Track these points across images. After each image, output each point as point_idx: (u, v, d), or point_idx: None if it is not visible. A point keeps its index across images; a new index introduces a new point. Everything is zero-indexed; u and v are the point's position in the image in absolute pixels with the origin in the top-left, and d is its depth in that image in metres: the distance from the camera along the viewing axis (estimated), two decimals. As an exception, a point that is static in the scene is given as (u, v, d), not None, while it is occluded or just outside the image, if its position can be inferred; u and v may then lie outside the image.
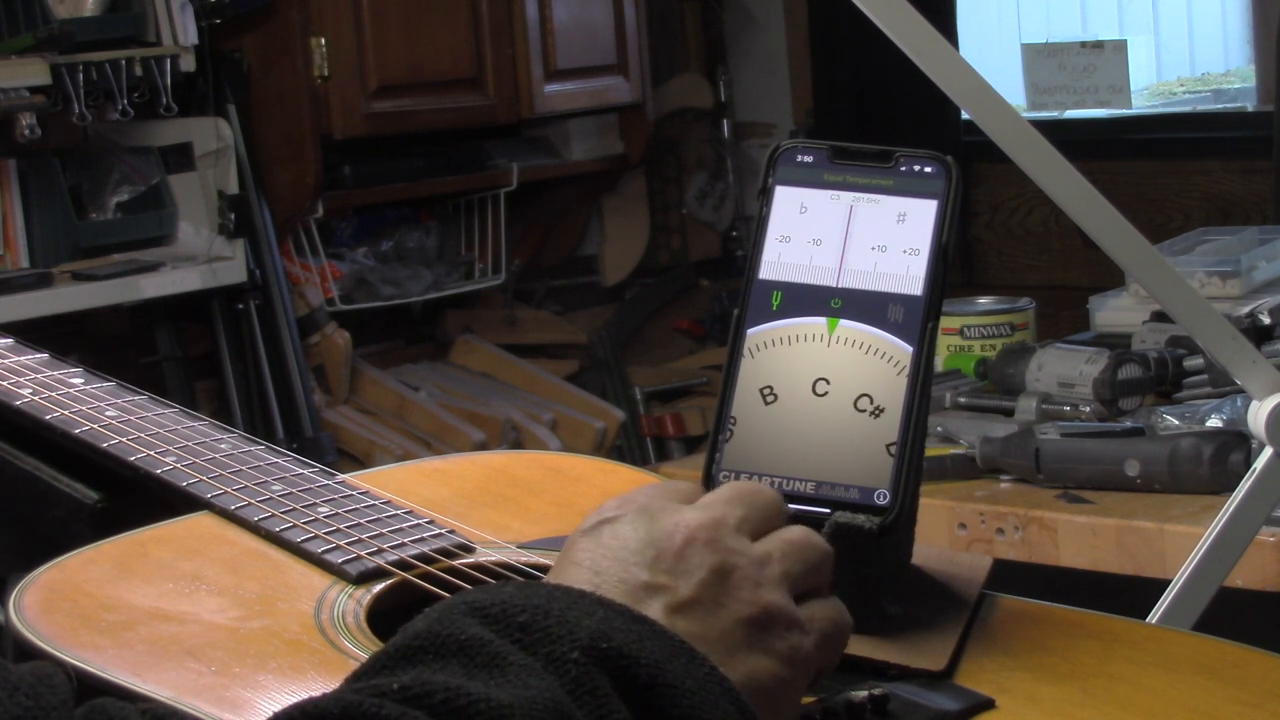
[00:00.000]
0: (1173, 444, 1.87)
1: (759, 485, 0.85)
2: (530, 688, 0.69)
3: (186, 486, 1.05)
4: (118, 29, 3.50)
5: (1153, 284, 1.36)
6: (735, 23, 5.05)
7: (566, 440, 4.15)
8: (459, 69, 4.10)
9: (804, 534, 0.82)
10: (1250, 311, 2.21)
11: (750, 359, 0.91)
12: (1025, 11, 5.14)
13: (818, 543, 0.82)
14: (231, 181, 3.72)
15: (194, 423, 1.14)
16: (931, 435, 2.11)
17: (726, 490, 0.83)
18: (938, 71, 1.30)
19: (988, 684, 0.86)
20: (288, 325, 3.82)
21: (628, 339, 4.78)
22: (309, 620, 0.89)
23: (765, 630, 0.78)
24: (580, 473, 1.14)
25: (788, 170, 0.94)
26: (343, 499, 1.04)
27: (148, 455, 1.08)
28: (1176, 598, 1.33)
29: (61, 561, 0.94)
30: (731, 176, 5.01)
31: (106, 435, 1.10)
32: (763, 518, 0.82)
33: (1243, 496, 1.34)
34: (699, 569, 0.78)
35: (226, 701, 0.80)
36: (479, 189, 4.31)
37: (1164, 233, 3.54)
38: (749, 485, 0.84)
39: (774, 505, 0.83)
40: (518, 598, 0.73)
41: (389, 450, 3.85)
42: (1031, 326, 2.42)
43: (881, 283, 0.91)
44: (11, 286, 3.36)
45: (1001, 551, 1.87)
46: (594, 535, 0.80)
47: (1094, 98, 3.03)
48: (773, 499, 0.83)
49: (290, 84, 3.84)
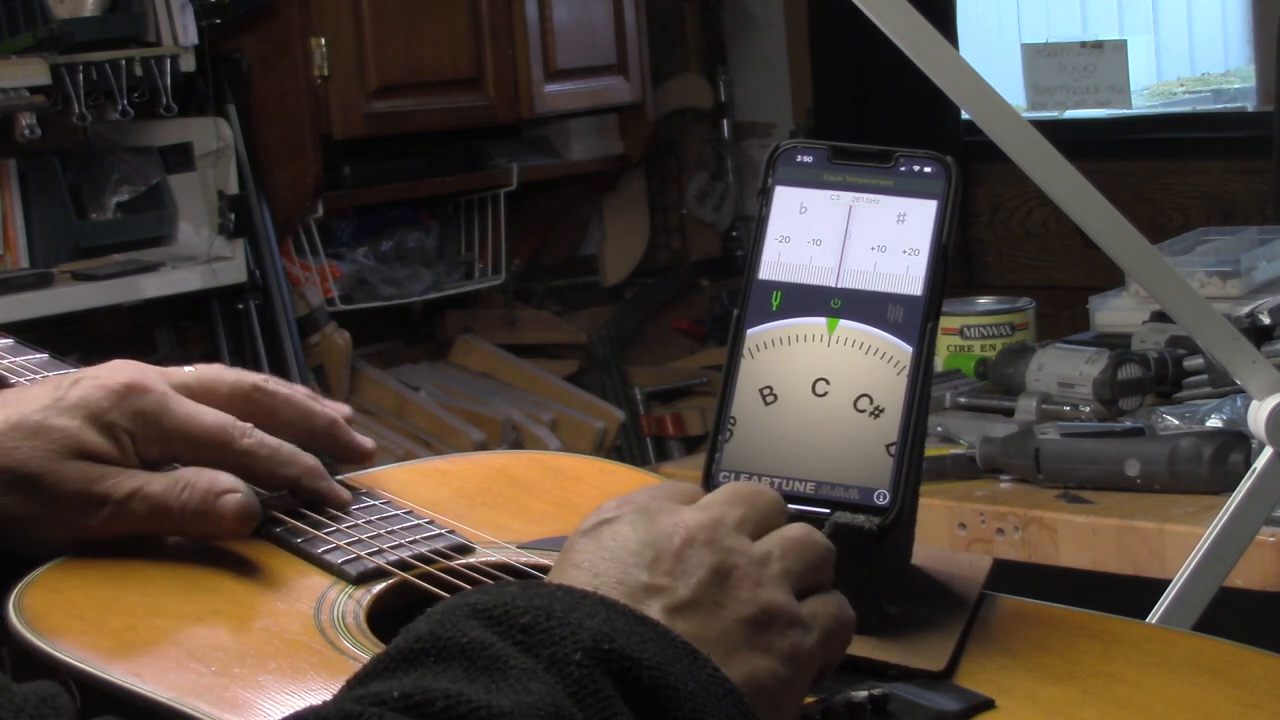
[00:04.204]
0: (1173, 444, 1.87)
1: (758, 485, 0.85)
2: (532, 692, 0.68)
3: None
4: (118, 29, 3.50)
5: (1153, 284, 1.36)
6: (735, 23, 5.05)
7: (566, 440, 4.15)
8: (459, 69, 4.10)
9: (804, 531, 0.82)
10: (1250, 311, 2.21)
11: (750, 359, 0.91)
12: (1025, 11, 5.14)
13: (818, 540, 0.82)
14: (231, 181, 3.72)
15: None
16: (931, 435, 2.11)
17: (726, 491, 0.83)
18: (938, 72, 1.30)
19: (988, 684, 0.86)
20: (288, 325, 3.82)
21: (628, 339, 4.78)
22: (309, 620, 0.89)
23: (766, 630, 0.78)
24: (580, 473, 1.14)
25: (787, 170, 0.94)
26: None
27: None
28: (1176, 598, 1.33)
29: (61, 562, 0.94)
30: (731, 176, 5.01)
31: (106, 435, 1.10)
32: (762, 517, 0.82)
33: (1243, 496, 1.34)
34: (698, 569, 0.78)
35: (226, 702, 0.80)
36: (479, 189, 4.31)
37: (1164, 233, 3.54)
38: (748, 485, 0.84)
39: (774, 505, 0.83)
40: (520, 599, 0.73)
41: (389, 450, 3.85)
42: (1031, 326, 2.42)
43: (881, 283, 0.91)
44: (11, 286, 3.36)
45: (1001, 551, 1.87)
46: (593, 536, 0.80)
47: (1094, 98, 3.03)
48: (773, 499, 0.83)
49: (290, 84, 3.84)
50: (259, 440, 1.02)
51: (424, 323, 4.50)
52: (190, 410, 1.00)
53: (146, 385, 1.00)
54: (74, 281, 3.48)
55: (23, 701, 0.70)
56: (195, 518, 0.96)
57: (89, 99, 3.43)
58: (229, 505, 0.96)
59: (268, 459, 1.02)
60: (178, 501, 0.96)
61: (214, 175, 3.72)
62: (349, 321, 4.08)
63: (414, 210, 4.33)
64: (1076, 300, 2.84)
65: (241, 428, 1.01)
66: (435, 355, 4.45)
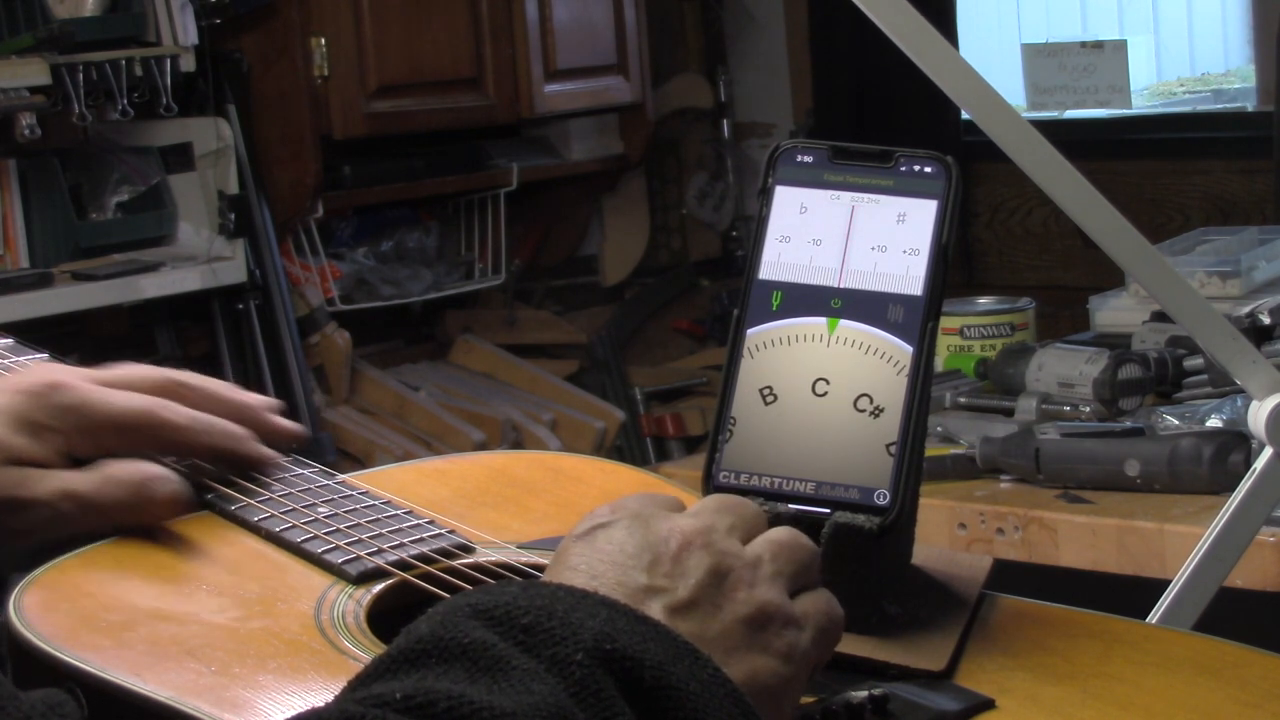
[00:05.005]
0: (1173, 444, 1.87)
1: (741, 498, 0.87)
2: (534, 693, 0.69)
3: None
4: (118, 29, 3.50)
5: (1153, 284, 1.36)
6: (735, 23, 5.05)
7: (566, 440, 4.15)
8: (459, 69, 4.10)
9: (790, 534, 0.84)
10: (1250, 311, 2.21)
11: (750, 359, 0.91)
12: (1025, 11, 5.14)
13: (804, 542, 0.84)
14: (231, 181, 3.72)
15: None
16: (931, 435, 2.11)
17: (712, 500, 0.85)
18: (938, 72, 1.30)
19: (988, 684, 0.86)
20: (288, 325, 3.82)
21: (628, 339, 4.78)
22: (309, 620, 0.89)
23: (763, 629, 0.79)
24: (580, 473, 1.14)
25: (788, 170, 0.94)
26: (343, 499, 1.04)
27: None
28: (1176, 598, 1.33)
29: (61, 561, 0.94)
30: (731, 176, 5.01)
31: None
32: (749, 525, 0.84)
33: (1243, 496, 1.34)
34: (696, 571, 0.79)
35: (226, 702, 0.80)
36: (479, 189, 4.31)
37: (1164, 233, 3.54)
38: (731, 497, 0.86)
39: (758, 515, 0.85)
40: (521, 599, 0.73)
41: (389, 450, 3.85)
42: (1031, 326, 2.42)
43: (881, 283, 0.91)
44: (11, 286, 3.36)
45: (1001, 551, 1.87)
46: (588, 540, 0.81)
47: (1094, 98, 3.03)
48: (756, 510, 0.85)
49: (290, 84, 3.83)
50: (181, 411, 1.04)
51: (424, 323, 4.50)
52: (111, 396, 1.02)
53: (68, 383, 1.02)
54: (74, 281, 3.48)
55: (29, 709, 0.71)
56: (127, 510, 0.98)
57: (89, 99, 3.43)
58: (159, 493, 0.99)
59: (196, 430, 1.04)
60: (108, 497, 0.98)
61: (214, 175, 3.72)
62: (349, 321, 4.08)
63: (414, 210, 4.33)
64: (1076, 300, 2.84)
65: (163, 403, 1.03)
66: (435, 355, 4.45)
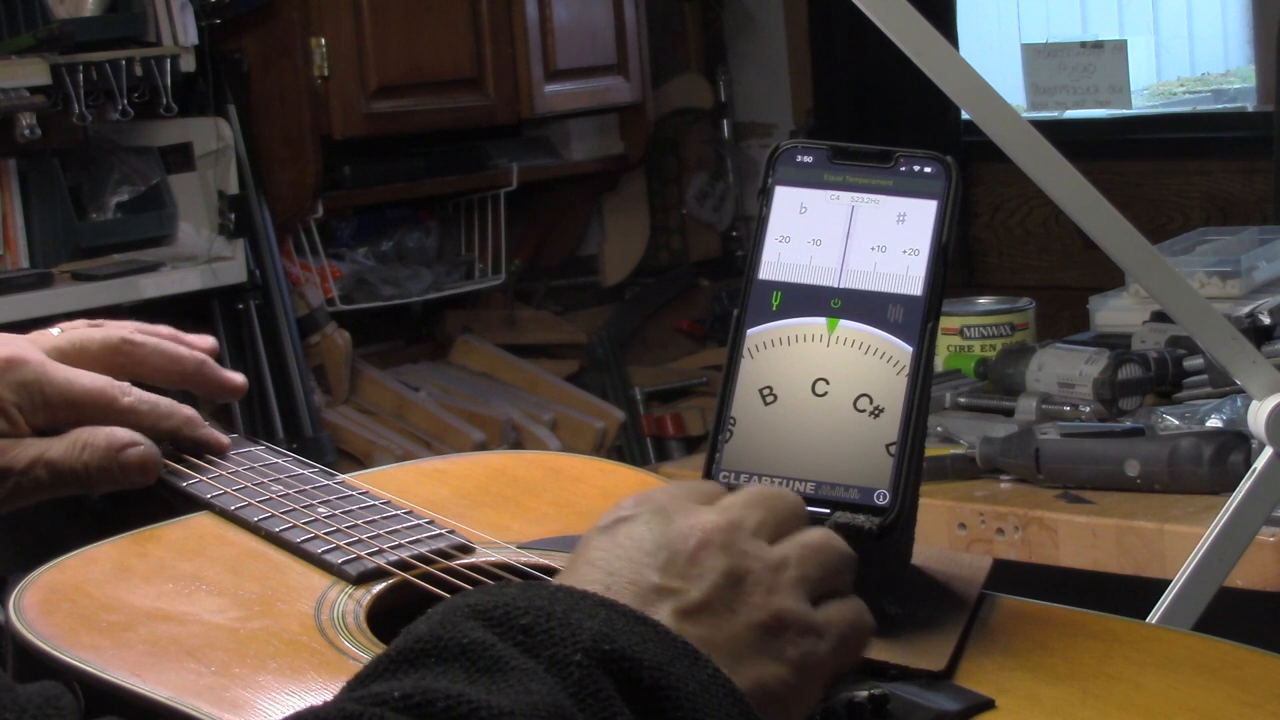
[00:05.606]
0: (1173, 444, 1.87)
1: (780, 489, 0.85)
2: (532, 693, 0.68)
3: (186, 487, 1.05)
4: (118, 29, 3.50)
5: (1153, 284, 1.36)
6: (735, 23, 5.05)
7: (566, 440, 4.14)
8: (459, 69, 4.10)
9: (824, 536, 0.82)
10: (1250, 311, 2.21)
11: (750, 359, 0.91)
12: (1025, 11, 5.14)
13: (838, 545, 0.82)
14: (231, 181, 3.72)
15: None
16: (931, 435, 2.11)
17: (746, 493, 0.83)
18: (938, 72, 1.30)
19: (988, 684, 0.86)
20: (288, 325, 3.82)
21: (628, 339, 4.78)
22: (309, 620, 0.89)
23: (777, 636, 0.77)
24: (580, 473, 1.14)
25: (788, 170, 0.94)
26: (342, 499, 1.04)
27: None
28: (1176, 598, 1.33)
29: (61, 561, 0.94)
30: (731, 176, 5.01)
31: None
32: (781, 521, 0.81)
33: (1243, 496, 1.34)
34: (711, 572, 0.77)
35: (226, 702, 0.80)
36: (479, 189, 4.31)
37: (1164, 233, 3.54)
38: (770, 489, 0.84)
39: (794, 509, 0.83)
40: (520, 599, 0.73)
41: (389, 450, 3.85)
42: (1031, 326, 2.42)
43: (881, 283, 0.91)
44: (11, 286, 3.36)
45: (1001, 551, 1.87)
46: (609, 534, 0.79)
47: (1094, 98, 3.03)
48: (794, 503, 0.83)
49: (290, 84, 3.83)
50: (139, 397, 1.06)
51: (424, 323, 4.50)
52: (69, 375, 1.05)
53: (24, 357, 1.04)
54: (74, 281, 3.48)
55: (26, 702, 0.71)
56: (100, 475, 1.01)
57: (89, 99, 3.43)
58: (132, 458, 1.02)
59: (149, 414, 1.06)
60: (80, 462, 1.01)
61: (214, 175, 3.72)
62: (349, 321, 4.08)
63: (414, 210, 4.33)
64: (1076, 300, 2.84)
65: (120, 386, 1.06)
66: (435, 355, 4.45)
